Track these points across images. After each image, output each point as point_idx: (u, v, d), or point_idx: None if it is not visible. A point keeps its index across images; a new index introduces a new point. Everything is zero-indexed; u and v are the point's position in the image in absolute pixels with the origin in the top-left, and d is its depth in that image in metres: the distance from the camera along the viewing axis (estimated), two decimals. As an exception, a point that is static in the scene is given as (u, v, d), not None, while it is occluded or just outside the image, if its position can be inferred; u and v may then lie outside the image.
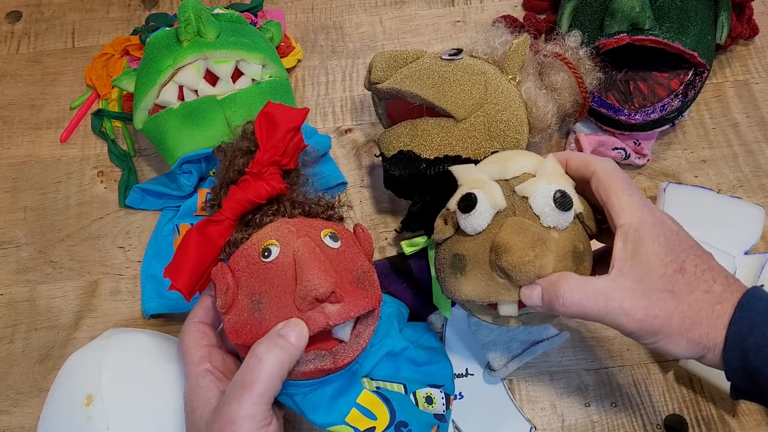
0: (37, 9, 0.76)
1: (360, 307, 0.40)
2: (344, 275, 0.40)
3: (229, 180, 0.44)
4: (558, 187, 0.41)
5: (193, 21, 0.55)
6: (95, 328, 0.58)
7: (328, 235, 0.41)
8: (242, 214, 0.43)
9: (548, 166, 0.43)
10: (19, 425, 0.54)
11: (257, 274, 0.39)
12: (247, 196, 0.42)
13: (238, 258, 0.41)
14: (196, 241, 0.41)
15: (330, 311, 0.38)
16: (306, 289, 0.37)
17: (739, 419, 0.52)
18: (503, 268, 0.39)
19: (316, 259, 0.38)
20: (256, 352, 0.37)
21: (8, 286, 0.60)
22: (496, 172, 0.43)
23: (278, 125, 0.42)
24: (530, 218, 0.41)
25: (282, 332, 0.37)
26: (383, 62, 0.55)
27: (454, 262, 0.43)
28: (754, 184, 0.62)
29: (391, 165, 0.54)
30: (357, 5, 0.74)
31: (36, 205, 0.64)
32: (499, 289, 0.41)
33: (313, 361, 0.39)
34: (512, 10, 0.73)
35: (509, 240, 0.39)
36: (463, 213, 0.42)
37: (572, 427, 0.52)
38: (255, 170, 0.42)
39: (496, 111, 0.53)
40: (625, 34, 0.58)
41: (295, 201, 0.44)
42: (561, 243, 0.41)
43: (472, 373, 0.53)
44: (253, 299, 0.39)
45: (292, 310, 0.38)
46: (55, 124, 0.69)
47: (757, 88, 0.67)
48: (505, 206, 0.41)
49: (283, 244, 0.40)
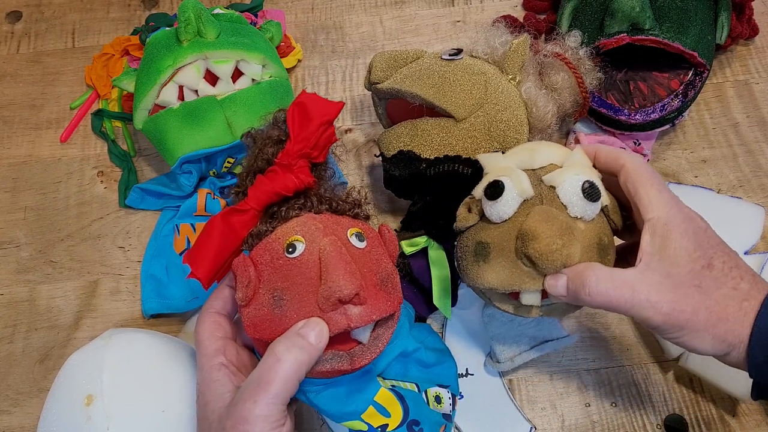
0: (37, 9, 0.76)
1: (382, 310, 0.39)
2: (368, 277, 0.39)
3: (257, 168, 0.43)
4: (587, 178, 0.41)
5: (193, 21, 0.55)
6: (95, 328, 0.58)
7: (354, 235, 0.40)
8: (268, 205, 0.42)
9: (576, 157, 0.43)
10: (19, 425, 0.54)
11: (280, 270, 0.38)
12: (275, 187, 0.41)
13: (261, 251, 0.39)
14: (219, 229, 0.40)
15: (352, 313, 0.37)
16: (330, 290, 0.36)
17: (739, 419, 0.52)
18: (530, 255, 0.39)
19: (342, 260, 0.37)
20: (275, 351, 0.36)
21: (8, 286, 0.60)
22: (523, 162, 0.43)
23: (312, 117, 0.41)
24: (557, 208, 0.41)
25: (302, 332, 0.36)
26: (383, 62, 0.55)
27: (477, 250, 0.43)
28: (754, 184, 0.62)
29: (391, 165, 0.54)
30: (357, 5, 0.74)
31: (36, 205, 0.64)
32: (523, 278, 0.41)
33: (330, 361, 0.38)
34: (512, 10, 0.73)
35: (537, 227, 0.39)
36: (490, 200, 0.42)
37: (572, 427, 0.52)
38: (284, 161, 0.41)
39: (496, 111, 0.53)
40: (625, 34, 0.58)
41: (323, 196, 0.42)
42: (587, 234, 0.41)
43: (472, 373, 0.53)
44: (275, 295, 0.38)
45: (314, 309, 0.37)
46: (55, 124, 0.69)
47: (757, 88, 0.67)
48: (533, 195, 0.41)
49: (309, 241, 0.39)
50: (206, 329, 0.41)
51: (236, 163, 0.59)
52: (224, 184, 0.60)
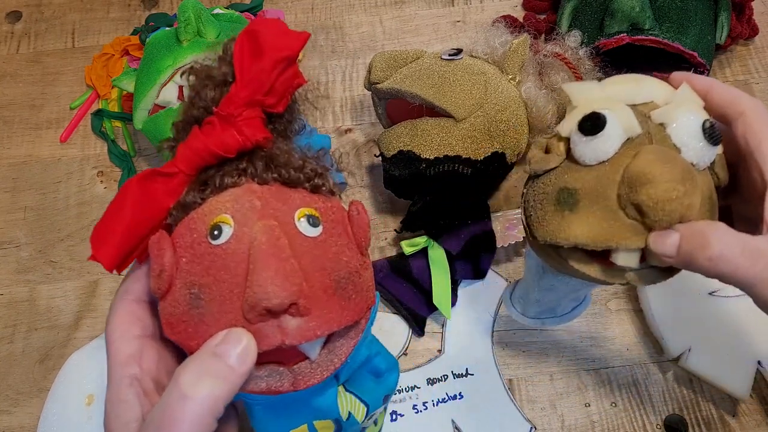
0: (37, 9, 0.76)
1: (333, 322, 0.29)
2: (317, 277, 0.30)
3: (193, 118, 0.32)
4: (706, 117, 0.33)
5: (193, 21, 0.55)
6: (95, 328, 0.58)
7: (304, 217, 0.30)
8: (201, 168, 0.31)
9: (686, 93, 0.35)
10: (19, 425, 0.54)
11: (200, 259, 0.29)
12: (209, 145, 0.30)
13: (182, 229, 0.30)
14: (134, 197, 0.30)
15: (289, 326, 0.28)
16: (256, 297, 0.27)
17: (739, 419, 0.52)
18: (641, 203, 0.31)
19: (275, 256, 0.28)
20: (181, 384, 0.26)
21: (8, 286, 0.60)
22: (625, 94, 0.35)
23: (265, 51, 0.30)
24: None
25: (219, 350, 0.27)
26: (383, 62, 0.55)
27: (561, 197, 0.34)
28: (754, 184, 0.62)
29: (391, 165, 0.54)
30: (357, 5, 0.74)
31: (36, 205, 0.64)
32: (624, 231, 0.32)
33: (265, 378, 0.30)
34: (512, 10, 0.73)
35: (653, 169, 0.31)
36: (586, 135, 0.33)
37: (572, 427, 0.52)
38: (226, 111, 0.30)
39: (496, 111, 0.53)
40: (625, 34, 0.58)
41: (273, 159, 0.32)
42: (702, 185, 0.33)
43: (472, 373, 0.53)
44: (192, 291, 0.29)
45: (239, 317, 0.28)
46: (55, 124, 0.69)
47: (757, 88, 0.67)
48: (640, 132, 0.33)
49: (240, 224, 0.29)
50: (119, 325, 0.31)
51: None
52: (224, 184, 0.60)
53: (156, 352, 0.31)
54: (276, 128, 0.33)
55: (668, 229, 0.32)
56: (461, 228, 0.54)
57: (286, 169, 0.32)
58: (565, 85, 0.36)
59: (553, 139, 0.36)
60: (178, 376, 0.27)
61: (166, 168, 0.31)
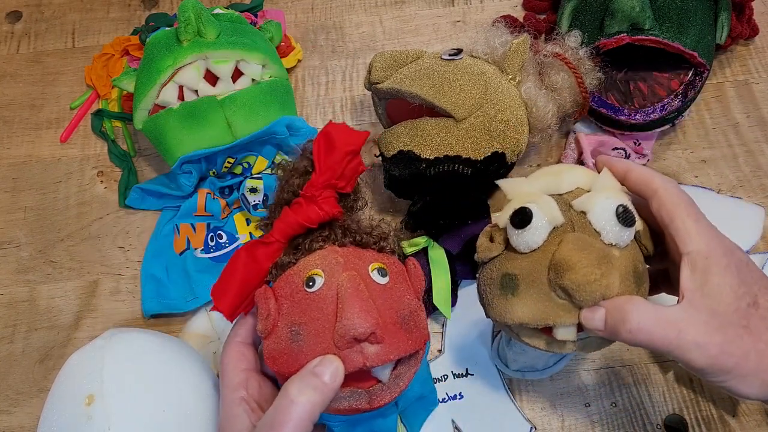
0: (37, 9, 0.76)
1: (401, 349, 0.38)
2: (388, 314, 0.38)
3: (284, 201, 0.43)
4: (620, 202, 0.38)
5: (193, 21, 0.55)
6: (95, 328, 0.58)
7: (376, 270, 0.40)
8: (292, 237, 0.41)
9: (605, 180, 0.40)
10: (19, 425, 0.54)
11: (299, 304, 0.38)
12: (298, 219, 0.41)
13: (282, 283, 0.40)
14: (243, 261, 0.40)
15: (369, 352, 0.37)
16: (345, 328, 0.36)
17: (739, 419, 0.52)
18: (566, 287, 0.37)
19: (359, 297, 0.37)
20: (289, 392, 0.35)
21: (8, 286, 0.60)
22: (548, 186, 0.41)
23: (336, 147, 0.40)
24: (590, 235, 0.38)
25: (316, 370, 0.36)
26: (383, 62, 0.55)
27: (504, 282, 0.39)
28: (754, 184, 0.62)
29: (391, 165, 0.54)
30: (357, 5, 0.74)
31: (36, 205, 0.64)
32: (557, 311, 0.38)
33: (348, 398, 0.38)
34: (512, 10, 0.73)
35: (572, 256, 0.36)
36: (517, 229, 0.39)
37: (572, 427, 0.52)
38: (309, 193, 0.41)
39: (496, 111, 0.53)
40: (625, 34, 0.58)
41: (348, 229, 0.42)
42: (623, 262, 0.38)
43: (472, 373, 0.53)
44: (293, 329, 0.38)
45: (330, 345, 0.37)
46: (55, 124, 0.69)
47: (757, 88, 0.67)
48: (563, 221, 0.38)
49: (328, 276, 0.38)
50: (230, 360, 0.40)
51: (236, 163, 0.59)
52: (224, 184, 0.60)
53: (257, 382, 0.40)
54: (345, 204, 0.43)
55: (596, 306, 0.37)
56: (461, 228, 0.54)
57: (359, 234, 0.42)
58: (499, 182, 0.42)
59: (495, 229, 0.41)
60: (286, 387, 0.36)
61: (265, 239, 0.41)
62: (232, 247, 0.59)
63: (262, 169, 0.60)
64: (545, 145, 0.64)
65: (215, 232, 0.59)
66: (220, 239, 0.59)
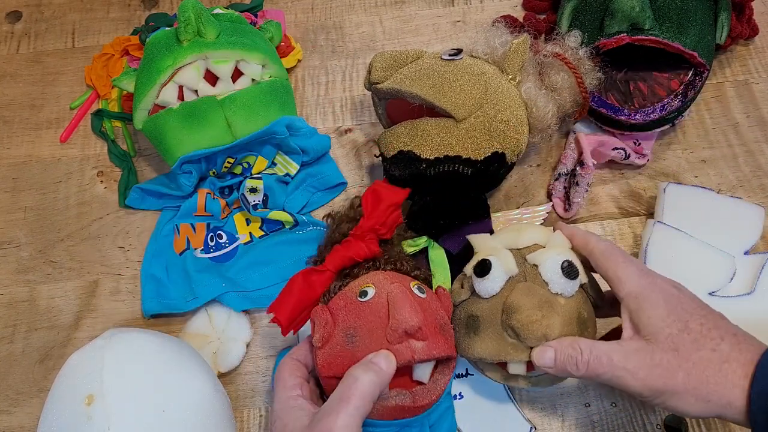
0: (37, 9, 0.76)
1: (442, 349, 0.43)
2: (429, 320, 0.44)
3: (334, 240, 0.51)
4: (566, 258, 0.45)
5: (193, 21, 0.55)
6: (95, 328, 0.58)
7: (416, 286, 0.46)
8: (342, 268, 0.49)
9: (557, 239, 0.48)
10: (19, 425, 0.54)
11: (354, 312, 0.44)
12: (349, 253, 0.48)
13: (337, 300, 0.46)
14: (299, 284, 0.47)
15: (416, 346, 0.42)
16: (398, 322, 0.42)
17: (739, 419, 0.52)
18: (513, 326, 0.43)
19: (407, 299, 0.43)
20: (353, 373, 0.40)
21: (8, 286, 0.60)
22: (509, 242, 0.48)
23: (382, 200, 0.50)
24: (539, 284, 0.45)
25: (374, 359, 0.41)
26: (383, 62, 0.55)
27: (468, 323, 0.46)
28: (754, 184, 0.62)
29: (391, 165, 0.54)
30: (357, 5, 0.74)
31: (36, 205, 0.64)
32: (508, 349, 0.44)
33: (395, 397, 0.43)
34: (512, 10, 0.73)
35: (519, 301, 0.43)
36: (479, 277, 0.46)
37: (572, 427, 0.52)
38: (358, 233, 0.49)
39: (496, 111, 0.53)
40: (625, 34, 0.58)
41: (389, 260, 0.50)
42: (567, 308, 0.44)
43: (472, 373, 0.53)
44: (348, 333, 0.44)
45: (383, 342, 0.42)
46: (55, 124, 0.69)
47: (757, 88, 0.67)
48: (517, 272, 0.46)
49: (379, 287, 0.45)
50: (287, 369, 0.45)
51: (236, 163, 0.59)
52: (224, 184, 0.60)
53: (309, 391, 0.45)
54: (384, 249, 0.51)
55: (546, 346, 0.43)
56: (461, 228, 0.54)
57: (399, 263, 0.50)
58: (469, 237, 0.51)
59: (464, 277, 0.48)
60: (350, 372, 0.41)
61: (319, 268, 0.48)
62: (231, 247, 0.59)
63: (262, 169, 0.60)
64: (545, 145, 0.64)
65: (215, 232, 0.59)
66: (220, 239, 0.59)
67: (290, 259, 0.58)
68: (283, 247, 0.59)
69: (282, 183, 0.61)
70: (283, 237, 0.59)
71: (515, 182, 0.63)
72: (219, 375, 0.54)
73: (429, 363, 0.44)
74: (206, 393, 0.46)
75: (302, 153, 0.60)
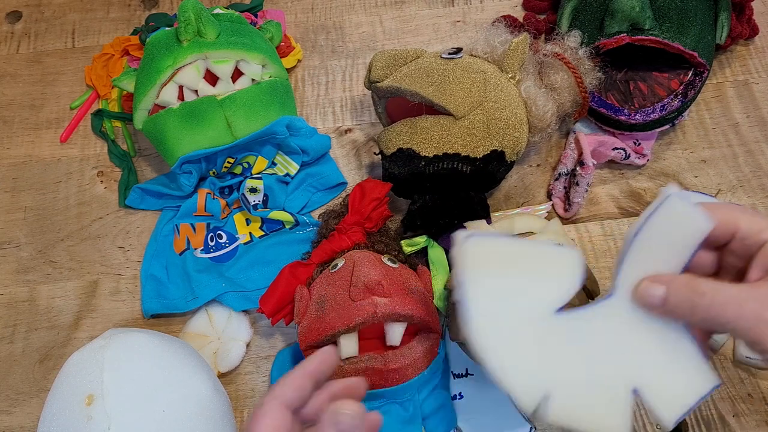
0: (37, 9, 0.76)
1: (407, 306, 0.45)
2: (395, 285, 0.46)
3: (322, 236, 0.55)
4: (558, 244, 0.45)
5: (193, 21, 0.55)
6: (95, 328, 0.58)
7: (387, 258, 0.49)
8: (326, 261, 0.53)
9: (553, 226, 0.49)
10: (19, 425, 0.54)
11: (325, 281, 0.49)
12: (332, 246, 0.53)
13: (316, 280, 0.51)
14: (286, 277, 0.52)
15: (378, 302, 0.44)
16: (357, 277, 0.45)
17: (739, 419, 0.52)
18: None
19: (367, 260, 0.46)
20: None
21: (8, 286, 0.60)
22: (503, 229, 0.50)
23: (366, 195, 0.53)
24: None
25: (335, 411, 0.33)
26: (383, 61, 0.55)
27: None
28: (754, 184, 0.62)
29: (391, 163, 0.54)
30: (357, 5, 0.74)
31: (36, 205, 0.64)
32: None
33: (366, 360, 0.44)
34: (512, 10, 0.73)
35: None
36: None
37: (572, 427, 0.52)
38: (343, 227, 0.53)
39: (496, 109, 0.53)
40: (625, 34, 0.58)
41: (367, 245, 0.53)
42: None
43: (472, 373, 0.53)
44: (319, 301, 0.47)
45: (347, 301, 0.45)
46: (55, 124, 0.69)
47: (757, 88, 0.67)
48: None
49: (347, 258, 0.49)
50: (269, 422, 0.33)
51: (236, 163, 0.59)
52: (224, 184, 0.60)
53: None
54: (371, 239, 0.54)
55: (651, 280, 0.35)
56: (461, 227, 0.54)
57: (378, 246, 0.53)
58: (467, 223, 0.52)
59: None
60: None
61: (305, 261, 0.53)
62: (231, 247, 0.59)
63: (262, 169, 0.60)
64: (545, 145, 0.64)
65: (215, 232, 0.59)
66: (220, 239, 0.59)
67: (290, 259, 0.58)
68: (283, 247, 0.59)
69: (282, 183, 0.61)
70: (283, 237, 0.59)
71: (515, 182, 0.63)
72: (219, 375, 0.54)
73: (400, 325, 0.45)
74: (206, 393, 0.46)
75: (302, 153, 0.60)
